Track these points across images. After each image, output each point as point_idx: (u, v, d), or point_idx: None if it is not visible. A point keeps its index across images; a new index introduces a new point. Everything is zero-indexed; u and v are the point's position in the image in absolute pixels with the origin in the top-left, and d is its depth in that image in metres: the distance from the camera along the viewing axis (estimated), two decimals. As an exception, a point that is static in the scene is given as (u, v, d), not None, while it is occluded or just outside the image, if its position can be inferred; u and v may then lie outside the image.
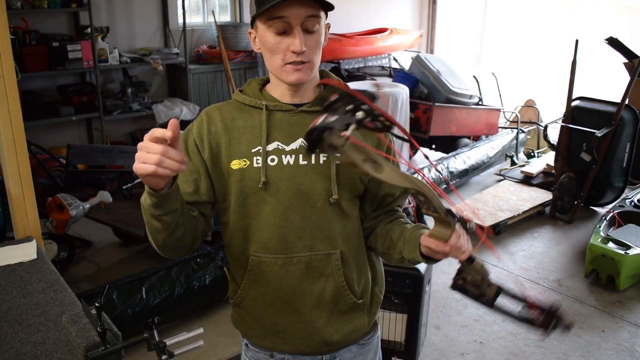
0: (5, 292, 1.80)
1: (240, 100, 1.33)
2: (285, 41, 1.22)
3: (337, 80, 1.38)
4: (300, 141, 1.28)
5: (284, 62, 1.23)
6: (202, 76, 6.02)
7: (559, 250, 4.09)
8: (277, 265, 1.31)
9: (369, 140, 1.28)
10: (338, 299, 1.35)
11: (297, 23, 1.20)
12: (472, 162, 5.28)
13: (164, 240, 1.20)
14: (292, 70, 1.24)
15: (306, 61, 1.23)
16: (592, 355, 2.92)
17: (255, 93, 1.33)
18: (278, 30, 1.21)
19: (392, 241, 1.32)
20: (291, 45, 1.21)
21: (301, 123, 1.29)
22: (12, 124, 2.14)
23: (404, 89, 5.21)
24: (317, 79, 1.34)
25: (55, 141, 5.28)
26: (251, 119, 1.30)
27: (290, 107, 1.30)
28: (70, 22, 5.33)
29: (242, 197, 1.29)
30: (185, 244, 1.26)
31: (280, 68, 1.25)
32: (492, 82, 6.40)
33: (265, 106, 1.30)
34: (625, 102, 4.27)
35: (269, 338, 1.38)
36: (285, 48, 1.22)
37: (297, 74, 1.24)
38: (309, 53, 1.23)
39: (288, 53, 1.22)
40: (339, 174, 1.28)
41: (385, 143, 1.36)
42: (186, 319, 3.12)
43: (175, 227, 1.18)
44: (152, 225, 1.18)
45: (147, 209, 1.14)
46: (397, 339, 2.70)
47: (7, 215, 2.74)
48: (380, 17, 7.50)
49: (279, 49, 1.22)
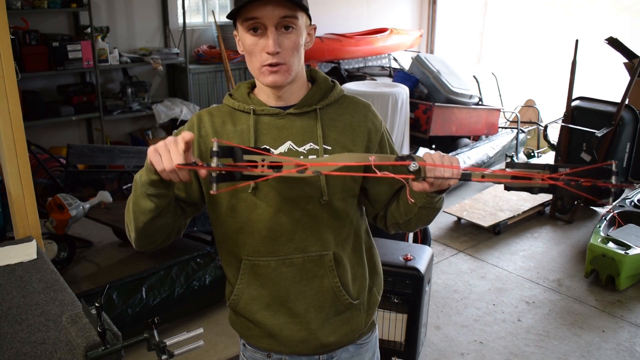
0: (5, 292, 1.80)
1: (229, 105, 1.34)
2: (261, 42, 1.21)
3: (325, 77, 1.37)
4: (288, 144, 1.28)
5: (261, 64, 1.23)
6: (202, 76, 6.02)
7: (559, 250, 4.09)
8: (270, 268, 1.31)
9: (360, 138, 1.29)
10: (333, 300, 1.35)
11: (271, 24, 1.19)
12: (472, 162, 5.28)
13: (144, 224, 1.19)
14: (268, 72, 1.23)
15: (282, 63, 1.22)
16: (592, 355, 2.92)
17: (243, 97, 1.33)
18: (254, 31, 1.21)
19: (405, 204, 1.30)
20: (265, 47, 1.20)
21: (288, 126, 1.29)
22: (12, 124, 2.14)
23: (404, 89, 5.22)
24: (303, 80, 1.32)
25: (55, 141, 5.28)
26: (240, 124, 1.30)
27: (277, 111, 1.30)
28: (70, 22, 5.33)
29: (233, 202, 1.29)
30: (160, 236, 1.26)
31: (258, 70, 1.24)
32: (492, 82, 6.39)
33: (253, 110, 1.30)
34: (625, 102, 4.27)
35: (265, 339, 1.39)
36: (261, 49, 1.21)
37: (273, 76, 1.23)
38: (285, 54, 1.22)
39: (263, 54, 1.21)
40: (329, 175, 1.27)
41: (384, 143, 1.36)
42: (186, 319, 3.12)
43: (160, 213, 1.19)
44: (139, 205, 1.17)
45: (142, 185, 1.14)
46: (397, 339, 2.70)
47: (7, 215, 2.74)
48: (380, 17, 7.50)
49: (255, 51, 1.22)
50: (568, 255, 4.01)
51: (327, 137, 1.29)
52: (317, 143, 1.28)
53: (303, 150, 1.28)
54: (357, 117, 1.34)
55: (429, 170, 1.11)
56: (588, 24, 7.17)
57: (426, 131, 5.56)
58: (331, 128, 1.31)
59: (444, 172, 1.11)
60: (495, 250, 4.07)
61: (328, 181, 1.28)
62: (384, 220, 1.40)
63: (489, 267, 3.83)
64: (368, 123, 1.34)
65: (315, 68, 1.40)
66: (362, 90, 5.00)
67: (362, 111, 1.35)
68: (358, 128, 1.32)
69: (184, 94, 5.96)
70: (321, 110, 1.31)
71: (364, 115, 1.35)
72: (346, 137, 1.31)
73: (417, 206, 1.24)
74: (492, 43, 8.37)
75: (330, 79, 1.39)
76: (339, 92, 1.36)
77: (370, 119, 1.35)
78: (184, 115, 5.64)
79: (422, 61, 5.85)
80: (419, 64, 5.88)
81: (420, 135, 5.62)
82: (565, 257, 3.98)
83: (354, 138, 1.31)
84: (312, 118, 1.30)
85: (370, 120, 1.35)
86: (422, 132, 5.60)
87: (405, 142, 5.34)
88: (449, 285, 3.59)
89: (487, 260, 3.93)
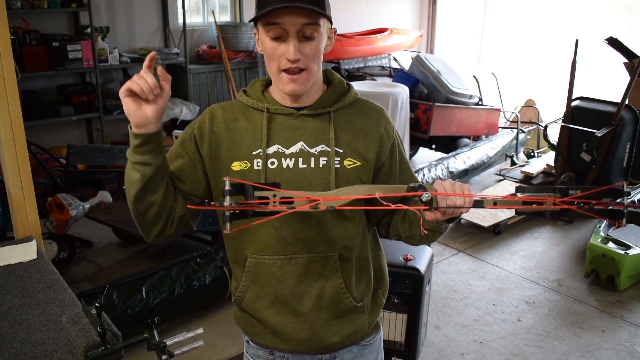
0: (5, 292, 1.80)
1: (243, 102, 1.34)
2: (281, 48, 1.21)
3: (340, 79, 1.38)
4: (300, 144, 1.28)
5: (280, 68, 1.23)
6: (202, 76, 6.02)
7: (559, 250, 4.09)
8: (276, 267, 1.31)
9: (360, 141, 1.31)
10: (337, 301, 1.35)
11: (293, 31, 1.19)
12: (472, 162, 5.28)
13: (134, 197, 1.23)
14: (287, 80, 1.24)
15: (303, 68, 1.23)
16: (592, 355, 2.92)
17: (257, 95, 1.33)
18: (275, 35, 1.21)
19: (410, 221, 1.32)
20: (285, 53, 1.21)
21: (302, 126, 1.30)
22: (12, 124, 2.14)
23: (404, 89, 5.21)
24: (319, 82, 1.33)
25: (55, 141, 5.29)
26: (253, 121, 1.31)
27: (291, 111, 1.30)
28: (70, 22, 5.33)
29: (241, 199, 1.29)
30: (157, 217, 1.26)
31: (277, 75, 1.25)
32: (492, 82, 6.39)
33: (267, 109, 1.30)
34: (625, 102, 4.27)
35: (268, 337, 1.39)
36: (281, 55, 1.22)
37: (293, 85, 1.24)
38: (306, 60, 1.23)
39: (283, 59, 1.22)
40: (338, 178, 1.28)
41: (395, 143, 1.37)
42: (186, 319, 3.12)
43: (148, 186, 1.21)
44: (129, 178, 1.23)
45: (128, 154, 1.22)
46: (397, 339, 2.70)
47: (7, 215, 2.74)
48: (380, 17, 7.50)
49: (275, 55, 1.23)
50: (568, 255, 4.01)
51: (339, 140, 1.30)
52: (329, 145, 1.29)
53: (314, 151, 1.28)
54: (370, 121, 1.34)
55: (441, 199, 1.12)
56: (588, 24, 7.17)
57: (426, 131, 5.56)
58: (344, 131, 1.31)
59: (456, 201, 1.12)
60: (495, 250, 4.07)
61: (338, 184, 1.28)
62: (387, 228, 1.41)
63: (489, 267, 3.83)
64: (380, 128, 1.34)
65: (331, 70, 1.41)
66: (362, 90, 5.00)
67: (376, 116, 1.36)
68: (370, 133, 1.33)
69: (184, 94, 5.96)
70: (335, 113, 1.32)
71: (377, 121, 1.35)
72: (358, 141, 1.31)
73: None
74: (492, 43, 8.37)
75: (346, 81, 1.39)
76: (353, 96, 1.37)
77: (382, 125, 1.35)
78: (184, 115, 5.64)
79: (422, 61, 5.85)
80: (419, 64, 5.88)
81: (420, 135, 5.62)
82: (565, 257, 3.98)
83: (366, 142, 1.32)
84: (326, 120, 1.31)
85: (383, 125, 1.35)
86: (422, 132, 5.60)
87: (405, 142, 5.34)
88: (449, 285, 3.59)
89: (487, 260, 3.93)
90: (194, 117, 5.75)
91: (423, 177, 4.67)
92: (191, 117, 5.72)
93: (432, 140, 5.82)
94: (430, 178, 4.72)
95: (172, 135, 5.38)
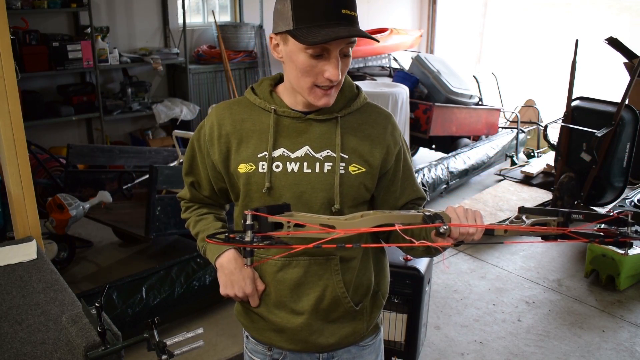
0: (5, 292, 1.80)
1: (251, 100, 1.34)
2: (320, 65, 1.19)
3: (350, 83, 1.36)
4: (306, 149, 1.28)
5: (314, 84, 1.22)
6: (202, 76, 6.02)
7: (559, 250, 4.09)
8: (276, 267, 1.32)
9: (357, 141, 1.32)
10: (336, 304, 1.35)
11: (336, 51, 1.18)
12: (472, 162, 5.28)
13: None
14: (321, 94, 1.23)
15: (336, 84, 1.23)
16: (592, 355, 2.92)
17: (265, 95, 1.33)
18: (316, 54, 1.18)
19: (414, 236, 1.31)
20: (326, 72, 1.19)
21: (308, 131, 1.29)
22: (12, 124, 2.14)
23: (404, 89, 5.21)
24: None
25: (55, 141, 5.29)
26: (260, 122, 1.31)
27: (298, 115, 1.30)
28: (70, 22, 5.33)
29: (247, 200, 1.31)
30: None
31: (309, 89, 1.23)
32: (492, 82, 6.39)
33: (274, 110, 1.30)
34: (625, 102, 4.27)
35: (267, 333, 1.40)
36: (319, 72, 1.20)
37: (326, 99, 1.24)
38: (341, 76, 1.23)
39: (321, 77, 1.20)
40: (342, 184, 1.28)
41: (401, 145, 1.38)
42: (186, 319, 3.12)
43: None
44: (196, 236, 1.45)
45: (202, 251, 1.42)
46: (397, 339, 2.70)
47: (7, 215, 2.74)
48: (380, 17, 7.50)
49: (312, 72, 1.20)
50: (568, 255, 4.01)
51: (345, 146, 1.29)
52: (334, 151, 1.28)
53: (319, 156, 1.28)
54: (377, 128, 1.34)
55: (454, 228, 1.15)
56: (588, 24, 7.17)
57: (426, 131, 5.56)
58: (350, 137, 1.30)
59: (468, 230, 1.15)
60: (495, 250, 4.07)
61: (341, 190, 1.28)
62: (386, 234, 1.40)
63: (489, 267, 3.83)
64: (387, 136, 1.34)
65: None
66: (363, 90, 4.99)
67: (383, 123, 1.35)
68: (377, 140, 1.32)
69: (184, 94, 5.96)
70: (342, 118, 1.31)
71: (384, 128, 1.35)
72: (364, 147, 1.31)
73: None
74: (492, 43, 8.37)
75: (356, 85, 1.38)
76: (362, 101, 1.36)
77: (389, 132, 1.35)
78: (184, 115, 5.64)
79: (422, 61, 5.85)
80: (419, 64, 5.88)
81: (420, 135, 5.62)
82: (565, 257, 3.98)
83: (372, 149, 1.31)
84: (333, 125, 1.30)
85: (390, 132, 1.35)
86: (422, 132, 5.60)
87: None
88: (449, 285, 3.59)
89: (487, 260, 3.93)
90: (194, 117, 5.75)
91: (423, 177, 4.67)
92: (191, 117, 5.73)
93: (432, 140, 5.82)
94: (430, 178, 4.73)
95: (172, 135, 5.38)
